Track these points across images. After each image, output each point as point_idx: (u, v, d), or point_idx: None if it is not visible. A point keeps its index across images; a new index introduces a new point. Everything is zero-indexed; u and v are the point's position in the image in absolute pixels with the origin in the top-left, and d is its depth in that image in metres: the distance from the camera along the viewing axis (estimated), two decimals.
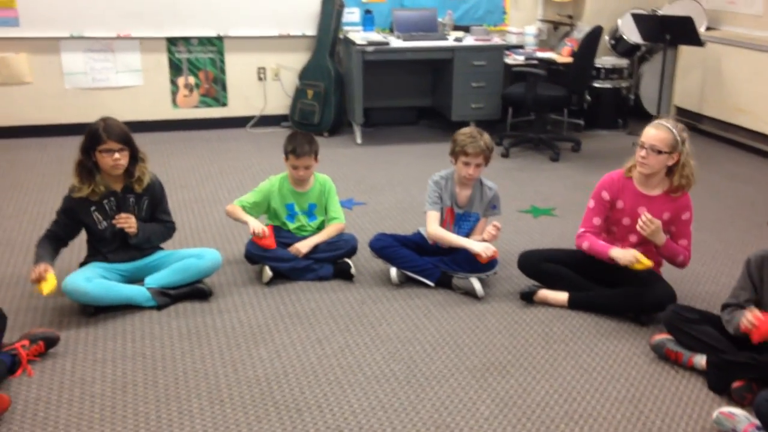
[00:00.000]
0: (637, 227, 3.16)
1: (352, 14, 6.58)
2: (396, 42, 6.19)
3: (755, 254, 2.83)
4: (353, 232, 3.87)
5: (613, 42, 6.81)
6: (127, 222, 3.27)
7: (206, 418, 2.52)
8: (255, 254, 3.57)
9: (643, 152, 3.18)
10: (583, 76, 6.10)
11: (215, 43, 6.39)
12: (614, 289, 3.35)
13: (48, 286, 2.97)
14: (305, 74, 6.51)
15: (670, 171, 3.24)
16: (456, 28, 6.75)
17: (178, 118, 6.45)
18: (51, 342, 2.89)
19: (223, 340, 3.06)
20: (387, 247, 3.58)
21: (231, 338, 3.08)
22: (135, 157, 3.31)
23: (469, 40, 6.36)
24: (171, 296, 3.33)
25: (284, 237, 3.69)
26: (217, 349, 2.98)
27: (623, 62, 6.75)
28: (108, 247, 3.34)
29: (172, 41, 6.28)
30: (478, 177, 3.60)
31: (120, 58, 6.20)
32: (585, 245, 3.35)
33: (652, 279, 3.29)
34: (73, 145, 3.39)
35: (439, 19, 6.65)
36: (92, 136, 3.20)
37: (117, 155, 3.18)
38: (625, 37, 6.65)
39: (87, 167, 3.23)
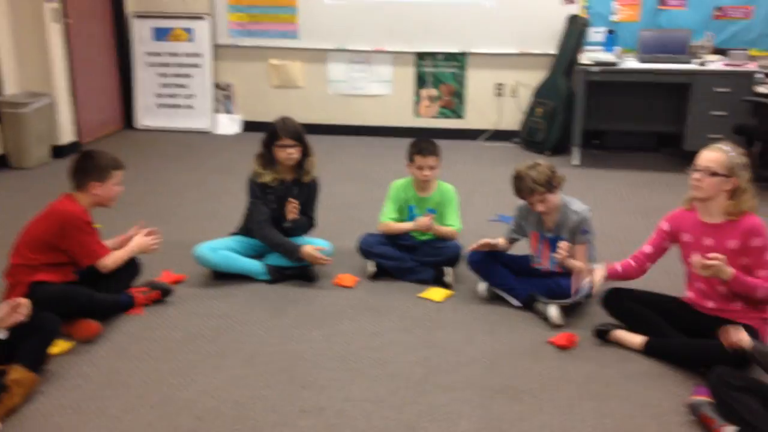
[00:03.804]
0: (694, 270, 2.92)
1: (598, 33, 6.48)
2: (629, 63, 5.96)
3: None
4: None
5: None
6: (295, 208, 3.88)
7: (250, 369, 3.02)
8: (365, 249, 3.94)
9: (697, 174, 3.00)
10: None
11: (458, 59, 6.82)
12: (695, 339, 3.05)
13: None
14: (539, 92, 6.60)
15: (730, 198, 2.99)
16: (716, 51, 6.22)
17: (419, 127, 7.01)
18: (166, 292, 3.64)
19: (300, 316, 3.52)
20: (479, 262, 3.68)
21: (311, 316, 3.52)
22: (306, 153, 3.90)
23: (716, 65, 5.84)
24: (284, 274, 3.88)
25: (403, 239, 3.99)
26: (292, 324, 3.46)
27: None
28: None
29: (420, 56, 6.87)
30: (558, 203, 3.51)
31: (375, 69, 6.98)
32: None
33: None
34: (333, 142, 4.00)
35: (696, 42, 6.20)
36: (271, 133, 3.87)
37: (291, 150, 3.81)
38: None
39: (267, 158, 3.90)
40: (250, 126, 7.21)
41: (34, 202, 3.40)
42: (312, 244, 3.87)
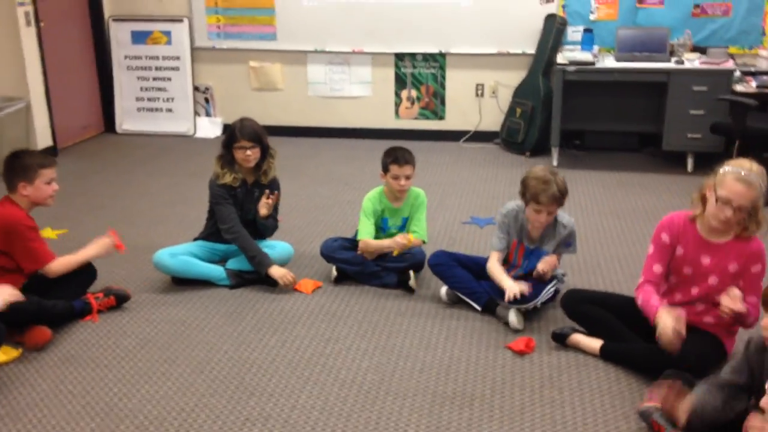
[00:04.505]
0: (721, 313, 2.79)
1: (576, 33, 6.41)
2: (607, 62, 5.90)
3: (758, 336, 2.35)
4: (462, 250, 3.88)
5: None
6: (269, 203, 3.81)
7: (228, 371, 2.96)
8: (326, 255, 3.88)
9: (728, 211, 2.75)
10: None
11: (438, 59, 6.75)
12: (651, 344, 2.97)
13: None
14: (518, 92, 6.53)
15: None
16: (695, 49, 6.15)
17: (399, 128, 6.94)
18: (122, 299, 3.58)
19: (259, 322, 3.46)
20: (441, 265, 3.61)
21: (268, 322, 3.46)
22: (265, 154, 3.84)
23: (693, 63, 5.77)
24: (245, 279, 3.82)
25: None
26: (249, 329, 3.40)
27: None
28: None
29: (399, 57, 6.80)
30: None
31: (354, 70, 6.91)
32: (639, 301, 3.01)
33: (699, 337, 2.87)
34: (312, 145, 3.94)
35: (675, 40, 6.13)
36: (230, 134, 3.82)
37: (249, 152, 3.75)
38: None
39: (226, 159, 3.85)
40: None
41: None
42: (272, 248, 3.83)
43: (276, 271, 3.71)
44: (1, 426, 2.69)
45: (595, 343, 3.13)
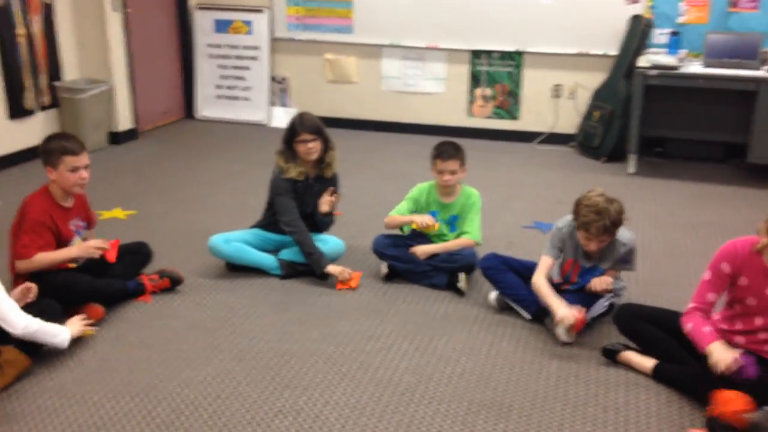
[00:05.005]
0: None
1: (663, 35, 6.14)
2: (692, 68, 5.62)
3: None
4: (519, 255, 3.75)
5: None
6: (331, 200, 3.83)
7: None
8: (378, 251, 3.84)
9: None
10: None
11: (514, 58, 6.60)
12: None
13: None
14: (597, 95, 6.32)
15: None
16: None
17: (471, 126, 6.84)
18: (175, 281, 3.64)
19: (304, 314, 3.47)
20: (492, 269, 3.52)
21: (314, 315, 3.46)
22: (327, 146, 3.85)
23: None
24: (296, 270, 3.83)
25: (421, 242, 3.86)
26: (293, 321, 3.41)
27: None
28: None
29: (475, 54, 6.69)
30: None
31: (428, 66, 6.85)
32: (687, 327, 2.83)
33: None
34: (382, 139, 4.12)
35: None
36: (290, 129, 3.83)
37: (311, 144, 3.77)
38: None
39: (288, 154, 3.87)
40: None
41: (90, 186, 3.41)
42: (325, 243, 3.83)
43: (333, 269, 3.72)
44: (46, 399, 2.78)
45: (647, 362, 2.97)
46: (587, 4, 6.22)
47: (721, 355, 2.63)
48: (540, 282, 3.30)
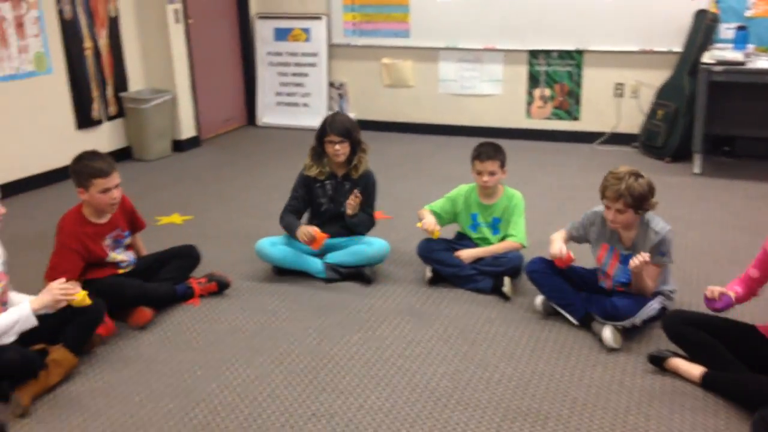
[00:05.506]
0: None
1: (729, 30, 5.89)
2: (760, 63, 5.37)
3: None
4: None
5: None
6: (355, 202, 3.83)
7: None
8: (422, 255, 3.81)
9: None
10: None
11: (574, 57, 6.46)
12: (761, 376, 2.67)
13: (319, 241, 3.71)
14: (661, 93, 6.11)
15: None
16: None
17: (530, 128, 6.72)
18: (223, 285, 3.70)
19: (346, 318, 3.48)
20: (537, 272, 3.43)
21: (355, 319, 3.46)
22: (356, 149, 3.86)
23: None
24: (341, 273, 3.84)
25: (466, 245, 3.82)
26: (334, 325, 3.42)
27: None
28: (319, 220, 3.96)
29: (533, 54, 6.58)
30: (630, 222, 3.16)
31: (485, 68, 6.77)
32: None
33: None
34: (440, 142, 4.07)
35: None
36: (321, 128, 3.87)
37: (338, 146, 3.80)
38: None
39: (317, 152, 3.92)
40: (363, 125, 7.09)
41: (152, 193, 3.51)
42: (370, 245, 3.83)
43: (300, 229, 3.74)
44: (91, 398, 2.87)
45: (696, 370, 2.84)
46: (650, 0, 6.02)
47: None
48: (554, 235, 3.40)
